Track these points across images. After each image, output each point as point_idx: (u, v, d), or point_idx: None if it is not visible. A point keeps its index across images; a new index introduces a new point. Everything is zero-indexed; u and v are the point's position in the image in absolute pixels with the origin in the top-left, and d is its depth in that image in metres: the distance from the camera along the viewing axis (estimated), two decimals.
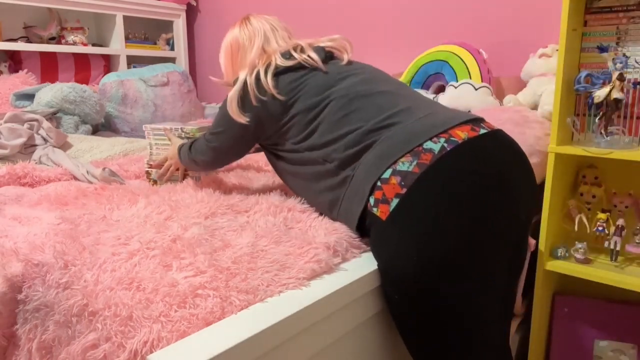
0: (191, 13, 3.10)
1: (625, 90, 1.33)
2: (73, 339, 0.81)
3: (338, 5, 2.46)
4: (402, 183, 0.91)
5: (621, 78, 1.31)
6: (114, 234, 0.98)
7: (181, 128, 1.50)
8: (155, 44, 3.04)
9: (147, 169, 1.55)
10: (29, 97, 2.15)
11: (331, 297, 0.84)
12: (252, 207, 1.17)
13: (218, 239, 0.97)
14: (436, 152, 0.92)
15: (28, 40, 2.52)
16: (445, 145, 0.93)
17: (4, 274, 0.94)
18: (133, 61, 2.91)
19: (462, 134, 0.95)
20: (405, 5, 2.25)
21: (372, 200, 0.95)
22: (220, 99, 2.97)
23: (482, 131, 0.98)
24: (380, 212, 0.93)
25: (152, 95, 2.47)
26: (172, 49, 3.07)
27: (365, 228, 1.00)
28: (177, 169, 1.47)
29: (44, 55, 2.56)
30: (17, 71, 2.45)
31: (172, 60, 3.03)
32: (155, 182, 1.53)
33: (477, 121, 1.01)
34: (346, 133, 1.03)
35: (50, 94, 2.08)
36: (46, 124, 1.86)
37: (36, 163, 1.67)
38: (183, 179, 1.47)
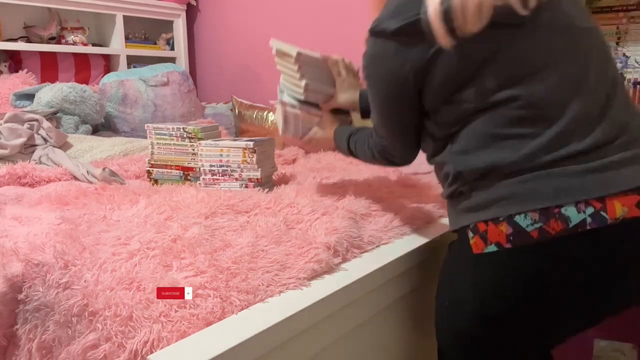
0: (191, 13, 3.09)
1: None
2: (73, 339, 0.81)
3: (338, 4, 2.46)
4: (511, 238, 0.76)
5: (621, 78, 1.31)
6: (114, 234, 0.98)
7: (183, 128, 1.50)
8: (155, 44, 3.04)
9: (148, 169, 1.55)
10: (29, 97, 2.14)
11: (331, 297, 0.84)
12: (252, 208, 1.17)
13: (218, 239, 0.97)
14: (571, 225, 0.72)
15: (28, 40, 2.51)
16: (589, 220, 0.72)
17: (4, 274, 0.94)
18: (133, 61, 2.91)
19: (619, 209, 0.72)
20: None
21: (472, 224, 0.81)
22: (220, 99, 2.97)
23: None
24: (474, 242, 0.81)
25: (152, 95, 2.47)
26: (172, 49, 3.06)
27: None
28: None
29: (44, 55, 2.56)
30: (17, 71, 2.44)
31: (172, 60, 3.03)
32: (155, 181, 1.53)
33: None
34: None
35: (50, 94, 2.08)
36: (46, 124, 1.86)
37: (36, 163, 1.67)
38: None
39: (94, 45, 2.76)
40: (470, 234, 0.82)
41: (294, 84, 1.20)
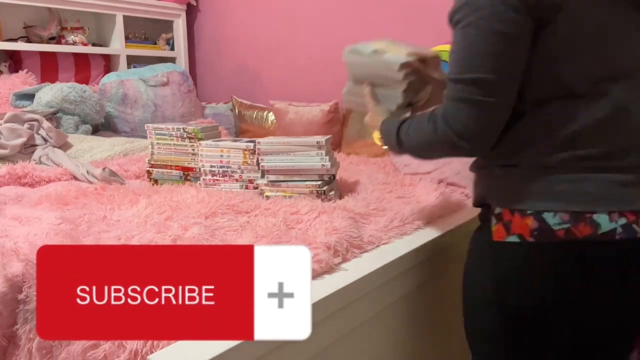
0: (191, 13, 3.09)
1: None
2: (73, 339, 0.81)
3: (338, 4, 2.46)
4: (535, 233, 0.76)
5: None
6: (114, 234, 0.98)
7: (183, 128, 1.50)
8: (155, 44, 3.04)
9: (148, 169, 1.55)
10: (29, 97, 2.14)
11: (331, 298, 0.84)
12: (253, 208, 1.17)
13: (218, 239, 0.97)
14: (599, 232, 0.72)
15: (28, 40, 2.51)
16: (620, 230, 0.72)
17: (4, 274, 0.94)
18: (133, 61, 2.91)
19: None
20: (405, 4, 2.24)
21: (498, 210, 0.81)
22: (220, 99, 2.97)
23: None
24: (496, 229, 0.81)
25: (152, 95, 2.47)
26: (172, 49, 3.06)
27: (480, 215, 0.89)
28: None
29: (44, 55, 2.56)
30: (17, 71, 2.44)
31: (172, 60, 3.03)
32: (155, 181, 1.53)
33: None
34: None
35: (50, 94, 2.08)
36: (46, 124, 1.86)
37: (36, 163, 1.67)
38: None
39: (94, 45, 2.76)
40: (494, 221, 0.81)
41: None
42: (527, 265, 0.79)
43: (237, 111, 2.73)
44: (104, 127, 2.38)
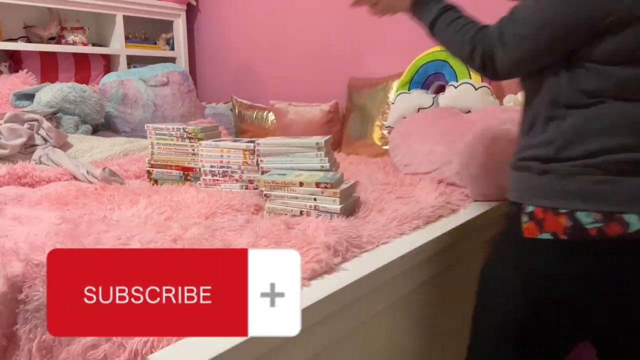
0: (191, 13, 3.10)
1: None
2: (73, 339, 0.81)
3: (338, 4, 2.46)
4: (568, 232, 0.80)
5: None
6: (114, 234, 0.98)
7: (183, 128, 1.50)
8: (155, 44, 3.04)
9: (148, 169, 1.55)
10: (29, 97, 2.15)
11: (331, 297, 0.84)
12: (253, 208, 1.17)
13: (218, 239, 0.97)
14: (629, 231, 0.77)
15: (28, 40, 2.51)
16: None
17: (4, 274, 0.94)
18: (133, 61, 2.91)
19: None
20: None
21: (529, 208, 0.85)
22: (220, 99, 2.97)
23: None
24: (527, 227, 0.84)
25: (152, 95, 2.47)
26: (172, 49, 3.07)
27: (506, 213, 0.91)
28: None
29: (44, 55, 2.56)
30: (17, 71, 2.44)
31: (172, 60, 3.03)
32: (155, 181, 1.53)
33: None
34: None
35: (50, 94, 2.08)
36: (46, 124, 1.86)
37: (36, 163, 1.67)
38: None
39: (94, 45, 2.77)
40: (525, 218, 0.85)
41: None
42: (559, 261, 0.83)
43: (237, 111, 2.73)
44: (104, 127, 2.38)
